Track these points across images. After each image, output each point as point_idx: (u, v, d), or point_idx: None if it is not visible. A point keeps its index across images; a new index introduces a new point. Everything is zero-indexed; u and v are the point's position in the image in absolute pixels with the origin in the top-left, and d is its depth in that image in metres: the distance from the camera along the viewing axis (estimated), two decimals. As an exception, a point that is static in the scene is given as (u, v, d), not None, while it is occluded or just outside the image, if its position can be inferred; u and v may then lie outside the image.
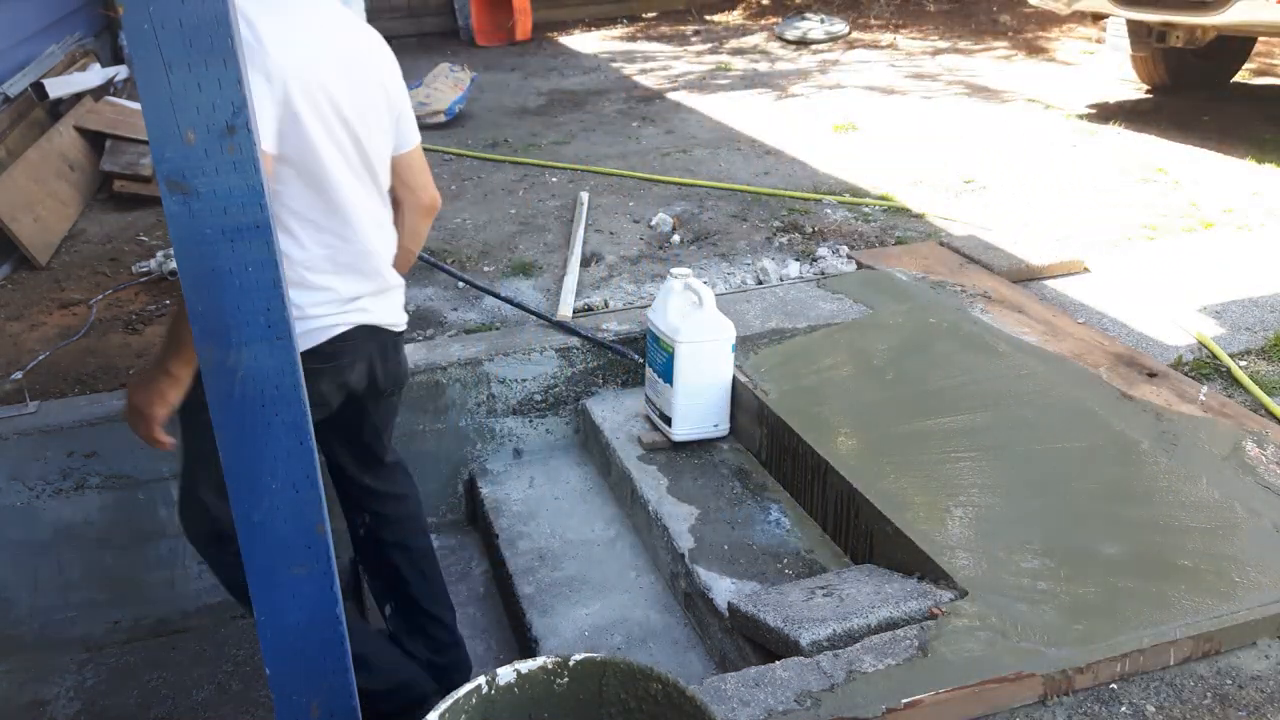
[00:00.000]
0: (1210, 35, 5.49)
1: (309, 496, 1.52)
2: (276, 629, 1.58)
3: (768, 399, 2.69)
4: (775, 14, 9.46)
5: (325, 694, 1.66)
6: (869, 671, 1.80)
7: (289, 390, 1.45)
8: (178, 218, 1.32)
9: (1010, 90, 6.50)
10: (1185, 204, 4.38)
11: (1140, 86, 6.35)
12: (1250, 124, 5.52)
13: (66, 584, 2.74)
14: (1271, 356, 3.09)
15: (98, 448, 2.67)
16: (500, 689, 1.46)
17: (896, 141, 5.45)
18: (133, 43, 1.24)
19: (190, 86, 1.26)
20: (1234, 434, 2.50)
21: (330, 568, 1.58)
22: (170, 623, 2.82)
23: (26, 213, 3.91)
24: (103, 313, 3.42)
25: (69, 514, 2.69)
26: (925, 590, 2.05)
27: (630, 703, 1.52)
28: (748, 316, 3.18)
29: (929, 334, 3.00)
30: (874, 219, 4.32)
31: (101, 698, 2.58)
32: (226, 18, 1.24)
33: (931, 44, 8.11)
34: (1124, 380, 2.76)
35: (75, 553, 2.72)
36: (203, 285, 1.36)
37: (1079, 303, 3.47)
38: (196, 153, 1.29)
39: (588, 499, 2.92)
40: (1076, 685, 1.82)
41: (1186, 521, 2.17)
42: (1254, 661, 1.89)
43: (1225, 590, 1.97)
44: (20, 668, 2.67)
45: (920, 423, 2.55)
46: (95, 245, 4.06)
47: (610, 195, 4.64)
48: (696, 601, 2.38)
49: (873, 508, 2.25)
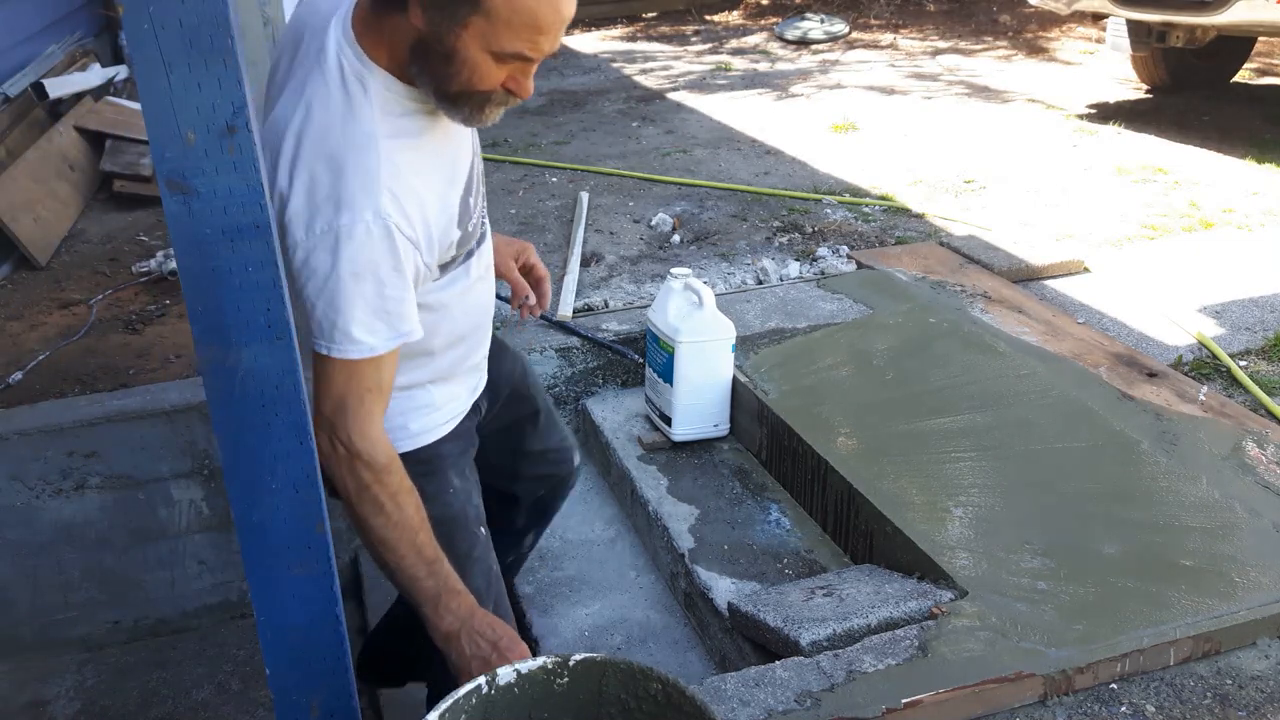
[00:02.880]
0: (1210, 35, 5.50)
1: (309, 496, 1.51)
2: (276, 629, 1.58)
3: (768, 399, 2.69)
4: (775, 14, 9.46)
5: (325, 694, 1.66)
6: (869, 671, 1.80)
7: (289, 390, 1.44)
8: (178, 218, 1.32)
9: (1010, 90, 6.50)
10: (1185, 204, 4.38)
11: (1140, 86, 6.35)
12: (1250, 124, 5.52)
13: (66, 584, 2.73)
14: (1271, 356, 3.09)
15: (98, 448, 2.67)
16: (500, 689, 1.45)
17: (896, 141, 5.45)
18: (133, 43, 1.24)
19: (190, 86, 1.26)
20: (1234, 434, 2.50)
21: (330, 568, 1.58)
22: (170, 623, 2.82)
23: (26, 213, 3.91)
24: (103, 313, 3.42)
25: (69, 514, 2.69)
26: (925, 590, 2.05)
27: (630, 703, 1.51)
28: (748, 316, 3.18)
29: (929, 334, 3.00)
30: (874, 219, 4.32)
31: (101, 698, 2.58)
32: (226, 18, 1.24)
33: (931, 44, 8.11)
34: (1124, 380, 2.76)
35: (75, 553, 2.72)
36: (203, 285, 1.36)
37: (1079, 303, 3.47)
38: (196, 153, 1.29)
39: (587, 499, 2.92)
40: (1076, 685, 1.82)
41: (1186, 521, 2.17)
42: (1254, 661, 1.89)
43: (1225, 590, 1.97)
44: (20, 668, 2.67)
45: (920, 423, 2.55)
46: (95, 245, 4.06)
47: (610, 195, 4.64)
48: (696, 601, 2.38)
49: (873, 508, 2.25)
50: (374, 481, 1.44)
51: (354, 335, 1.37)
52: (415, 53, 1.35)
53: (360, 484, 1.44)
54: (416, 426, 1.64)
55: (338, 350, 1.38)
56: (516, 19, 1.28)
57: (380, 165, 1.35)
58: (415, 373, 1.60)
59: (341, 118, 1.37)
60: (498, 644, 1.49)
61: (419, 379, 1.62)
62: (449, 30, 1.30)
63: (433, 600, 1.48)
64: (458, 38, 1.30)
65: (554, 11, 1.30)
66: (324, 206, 1.34)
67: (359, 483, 1.44)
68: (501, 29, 1.29)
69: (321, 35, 1.41)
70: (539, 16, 1.29)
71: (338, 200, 1.34)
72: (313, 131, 1.36)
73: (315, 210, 1.34)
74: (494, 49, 1.31)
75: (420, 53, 1.34)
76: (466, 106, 1.39)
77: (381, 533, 1.46)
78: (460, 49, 1.31)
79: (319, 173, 1.35)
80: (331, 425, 1.43)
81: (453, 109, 1.41)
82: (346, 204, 1.33)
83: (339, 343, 1.38)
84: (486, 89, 1.36)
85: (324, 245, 1.33)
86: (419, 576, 1.48)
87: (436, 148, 1.47)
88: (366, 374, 1.41)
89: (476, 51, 1.32)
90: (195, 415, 2.67)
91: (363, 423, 1.42)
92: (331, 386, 1.42)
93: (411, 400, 1.62)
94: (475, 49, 1.31)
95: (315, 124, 1.37)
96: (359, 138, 1.36)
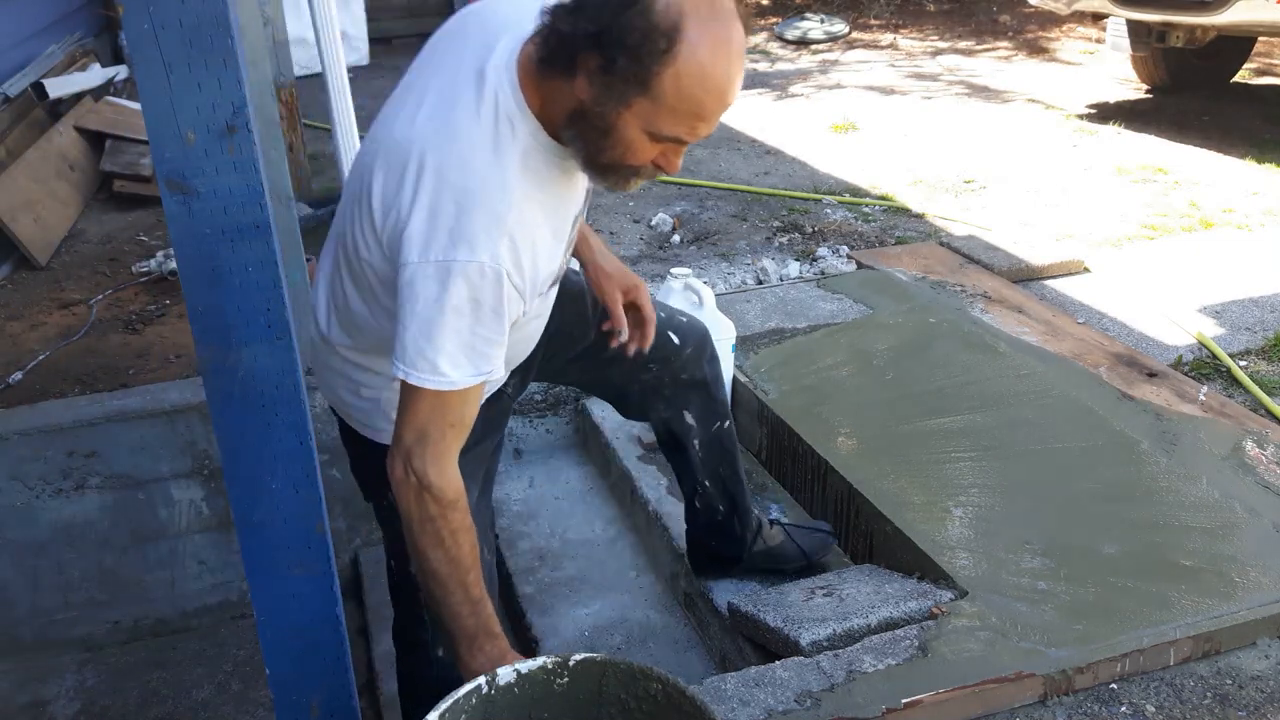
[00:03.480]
0: (1210, 35, 5.49)
1: (309, 496, 1.52)
2: (276, 629, 1.58)
3: (768, 399, 2.69)
4: (775, 14, 9.46)
5: (325, 694, 1.66)
6: (869, 671, 1.80)
7: (289, 390, 1.45)
8: (178, 218, 1.32)
9: (1010, 90, 6.50)
10: (1185, 204, 4.38)
11: (1140, 86, 6.35)
12: (1250, 124, 5.52)
13: (66, 584, 2.74)
14: (1271, 356, 3.09)
15: (98, 448, 2.67)
16: (500, 689, 1.45)
17: (896, 141, 5.45)
18: (133, 43, 1.24)
19: (190, 86, 1.26)
20: (1234, 434, 2.50)
21: (330, 568, 1.58)
22: (170, 623, 2.82)
23: (26, 213, 3.91)
24: (103, 313, 3.42)
25: (69, 514, 2.69)
26: (925, 590, 2.05)
27: (630, 703, 1.51)
28: (748, 316, 3.18)
29: (929, 334, 3.00)
30: (874, 219, 4.32)
31: (101, 698, 2.58)
32: (226, 18, 1.24)
33: (931, 44, 8.11)
34: (1124, 380, 2.76)
35: (75, 553, 2.72)
36: (203, 285, 1.36)
37: (1079, 303, 3.47)
38: (196, 153, 1.29)
39: (587, 499, 2.92)
40: (1076, 685, 1.82)
41: (1186, 521, 2.17)
42: (1254, 661, 1.89)
43: (1225, 590, 1.97)
44: (20, 668, 2.67)
45: (920, 423, 2.55)
46: (95, 245, 4.06)
47: (610, 194, 4.64)
48: (696, 601, 2.37)
49: (873, 508, 2.25)
50: (439, 515, 1.44)
51: (439, 366, 1.36)
52: (573, 119, 1.34)
53: (425, 515, 1.44)
54: None
55: (415, 377, 1.37)
56: (682, 106, 1.28)
57: (509, 212, 1.35)
58: None
59: (484, 154, 1.36)
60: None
61: None
62: (612, 108, 1.30)
63: (470, 638, 1.51)
64: (619, 115, 1.30)
65: (718, 101, 1.30)
66: (444, 237, 1.33)
67: (424, 514, 1.44)
68: (665, 114, 1.29)
69: (483, 57, 1.39)
70: (704, 105, 1.29)
71: (460, 235, 1.32)
72: (451, 159, 1.35)
73: (434, 237, 1.33)
74: (653, 130, 1.31)
75: (577, 120, 1.34)
76: (614, 176, 1.41)
77: (436, 565, 1.47)
78: (620, 126, 1.31)
79: (446, 202, 1.34)
80: (409, 453, 1.42)
81: (599, 176, 1.42)
82: (467, 241, 1.32)
83: (423, 371, 1.37)
84: (637, 164, 1.37)
85: (435, 274, 1.32)
86: (462, 614, 1.50)
87: (557, 204, 1.48)
88: (452, 407, 1.41)
89: (635, 131, 1.32)
90: (195, 415, 2.68)
91: (440, 457, 1.42)
92: (416, 416, 1.41)
93: None
94: (635, 128, 1.31)
95: (455, 153, 1.35)
96: (496, 180, 1.35)
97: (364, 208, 1.41)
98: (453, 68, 1.42)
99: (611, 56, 1.25)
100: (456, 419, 1.42)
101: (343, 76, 3.17)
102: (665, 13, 1.22)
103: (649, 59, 1.24)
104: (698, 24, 1.23)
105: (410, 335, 1.35)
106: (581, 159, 1.39)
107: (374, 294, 1.48)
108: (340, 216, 1.54)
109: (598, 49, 1.26)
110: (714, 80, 1.26)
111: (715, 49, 1.25)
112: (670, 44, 1.23)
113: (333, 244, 1.57)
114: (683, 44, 1.23)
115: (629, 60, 1.24)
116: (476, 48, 1.42)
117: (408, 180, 1.35)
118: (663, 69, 1.24)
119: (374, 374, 1.58)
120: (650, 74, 1.24)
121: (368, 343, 1.55)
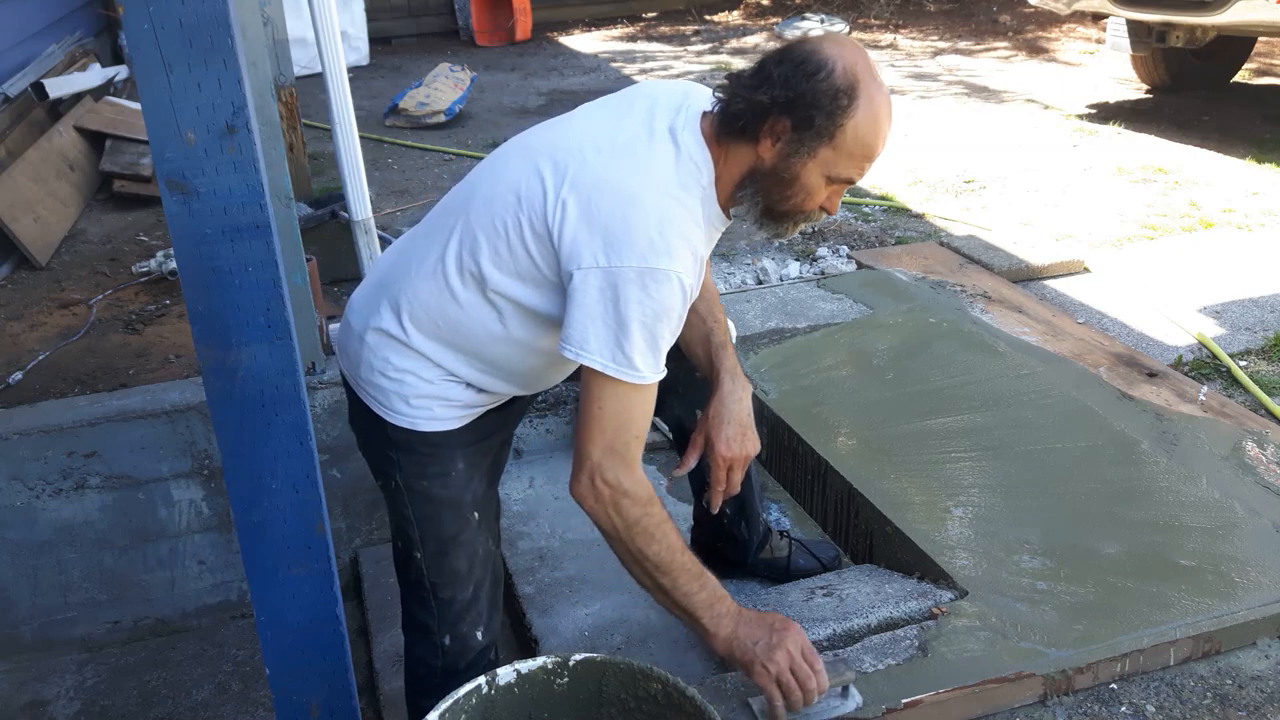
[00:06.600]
0: (1210, 35, 5.50)
1: (309, 496, 1.52)
2: (276, 629, 1.58)
3: (768, 399, 2.69)
4: (775, 14, 9.46)
5: (325, 694, 1.66)
6: (869, 671, 1.80)
7: (289, 390, 1.45)
8: (178, 218, 1.32)
9: (1010, 90, 6.50)
10: (1185, 204, 4.38)
11: (1140, 86, 6.35)
12: (1250, 124, 5.53)
13: (66, 584, 2.73)
14: (1271, 356, 3.09)
15: (98, 448, 2.67)
16: (500, 689, 1.46)
17: (896, 141, 5.42)
18: (133, 43, 1.24)
19: (190, 86, 1.26)
20: (1234, 434, 2.50)
21: (330, 568, 1.58)
22: (170, 623, 2.82)
23: (26, 213, 3.91)
24: (103, 313, 3.42)
25: (69, 514, 2.69)
26: (925, 590, 2.05)
27: (630, 703, 1.52)
28: (748, 316, 3.18)
29: (929, 334, 3.00)
30: (874, 219, 4.32)
31: (101, 698, 2.57)
32: (226, 18, 1.24)
33: (931, 44, 8.11)
34: (1124, 380, 2.76)
35: (75, 553, 2.72)
36: (203, 285, 1.36)
37: (1079, 303, 3.47)
38: (196, 153, 1.29)
39: (588, 499, 2.92)
40: (1076, 685, 1.82)
41: (1186, 521, 2.17)
42: (1254, 661, 1.89)
43: (1225, 590, 1.97)
44: (20, 668, 2.67)
45: (920, 423, 2.55)
46: (95, 245, 4.06)
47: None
48: (696, 601, 2.37)
49: (873, 508, 2.25)
50: (643, 515, 1.56)
51: (635, 361, 1.49)
52: (752, 176, 1.53)
53: (629, 520, 1.55)
54: (441, 412, 1.69)
55: (615, 370, 1.49)
56: (858, 150, 1.49)
57: (695, 234, 1.53)
58: (466, 369, 1.66)
59: (678, 180, 1.52)
60: (771, 625, 1.61)
61: (465, 375, 1.67)
62: (800, 161, 1.49)
63: (708, 608, 1.61)
64: (804, 166, 1.50)
65: (883, 143, 1.52)
66: (643, 245, 1.46)
67: (628, 520, 1.56)
68: (844, 159, 1.49)
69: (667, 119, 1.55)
70: (875, 148, 1.51)
71: (659, 246, 1.47)
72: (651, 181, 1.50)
73: (630, 245, 1.45)
74: (830, 174, 1.51)
75: (759, 176, 1.53)
76: (787, 222, 1.59)
77: (657, 559, 1.58)
78: (804, 175, 1.51)
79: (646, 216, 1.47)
80: (599, 468, 1.53)
81: (773, 223, 1.59)
82: (665, 252, 1.47)
83: (623, 366, 1.49)
84: (811, 209, 1.56)
85: (636, 279, 1.45)
86: (692, 591, 1.60)
87: (707, 250, 1.64)
88: (637, 408, 1.53)
89: (817, 178, 1.51)
90: (195, 415, 2.67)
91: (631, 464, 1.55)
92: (604, 419, 1.52)
93: (447, 390, 1.67)
94: (816, 175, 1.51)
95: (654, 176, 1.51)
96: (689, 202, 1.52)
97: (525, 210, 1.52)
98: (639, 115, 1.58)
99: (808, 116, 1.46)
100: (640, 429, 1.56)
101: (343, 76, 3.16)
102: (844, 75, 1.45)
103: (839, 114, 1.45)
104: (866, 82, 1.46)
105: (600, 331, 1.48)
106: (758, 210, 1.57)
107: (495, 288, 1.55)
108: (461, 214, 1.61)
109: (789, 113, 1.46)
110: (881, 126, 1.49)
111: (880, 102, 1.48)
112: (850, 100, 1.45)
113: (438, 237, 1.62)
114: (861, 99, 1.46)
115: (824, 118, 1.45)
116: (646, 103, 1.60)
117: (597, 195, 1.49)
118: (846, 120, 1.46)
119: (428, 362, 1.63)
120: (838, 127, 1.46)
121: (443, 334, 1.61)
